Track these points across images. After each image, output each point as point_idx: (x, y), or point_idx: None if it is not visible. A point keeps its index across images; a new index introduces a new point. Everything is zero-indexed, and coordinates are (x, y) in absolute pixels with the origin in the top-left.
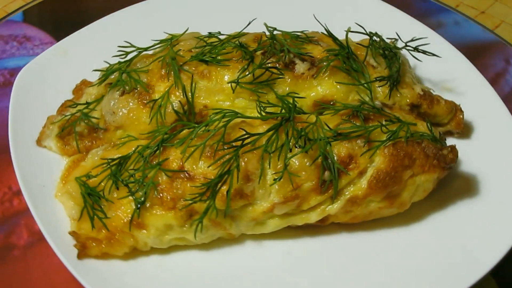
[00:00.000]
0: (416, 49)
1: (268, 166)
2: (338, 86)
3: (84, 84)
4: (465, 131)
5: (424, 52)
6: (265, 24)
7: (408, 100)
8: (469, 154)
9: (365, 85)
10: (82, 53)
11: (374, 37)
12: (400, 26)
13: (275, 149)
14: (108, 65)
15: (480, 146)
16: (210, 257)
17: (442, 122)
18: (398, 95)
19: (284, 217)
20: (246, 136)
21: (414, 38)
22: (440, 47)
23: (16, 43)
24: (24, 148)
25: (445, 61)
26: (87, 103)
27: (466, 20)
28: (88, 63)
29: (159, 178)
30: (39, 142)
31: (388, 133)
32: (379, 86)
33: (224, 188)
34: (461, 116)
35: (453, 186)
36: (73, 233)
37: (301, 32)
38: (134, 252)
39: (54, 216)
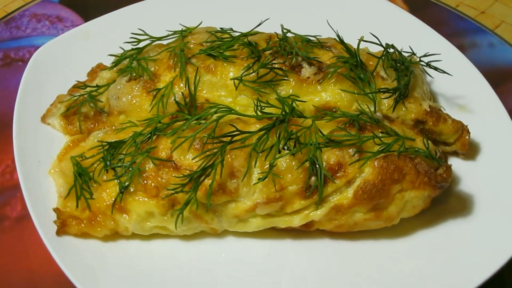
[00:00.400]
0: (428, 64)
1: (254, 165)
2: (342, 94)
3: (99, 67)
4: (472, 153)
5: (436, 68)
6: (281, 26)
7: (413, 115)
8: (471, 176)
9: (370, 95)
10: (104, 38)
11: (390, 49)
12: (425, 41)
13: (264, 149)
14: (123, 51)
15: (483, 169)
16: (191, 249)
17: (448, 142)
18: (404, 109)
19: (266, 217)
20: (236, 132)
21: (427, 54)
22: (462, 66)
23: (48, 22)
24: (27, 122)
25: (465, 80)
26: (97, 86)
27: (502, 43)
28: (108, 47)
29: (146, 165)
30: (43, 119)
31: (381, 145)
32: (385, 98)
33: (207, 181)
34: (467, 137)
35: (448, 205)
36: (56, 210)
37: (314, 36)
38: (116, 236)
39: (44, 191)
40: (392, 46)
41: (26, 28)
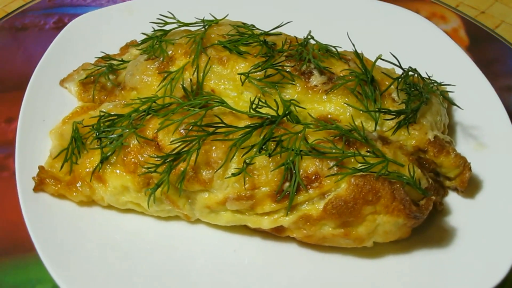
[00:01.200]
0: (441, 92)
1: (231, 160)
2: (346, 108)
3: (132, 44)
4: (473, 190)
5: (449, 99)
6: (309, 32)
7: (414, 142)
8: (463, 212)
9: (372, 114)
10: (145, 16)
11: (411, 73)
12: (459, 73)
13: (244, 147)
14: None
15: (479, 207)
16: (161, 230)
17: (449, 176)
18: (406, 134)
19: (236, 213)
20: (220, 124)
21: (442, 83)
22: (491, 105)
23: None
24: (45, 82)
25: (490, 118)
26: (121, 60)
27: None
28: (147, 26)
29: (132, 142)
30: (62, 82)
31: (363, 164)
32: (388, 119)
33: (182, 166)
34: (467, 175)
35: (427, 235)
36: (40, 167)
37: (334, 47)
38: (93, 204)
39: (37, 149)
40: (415, 71)
41: None
